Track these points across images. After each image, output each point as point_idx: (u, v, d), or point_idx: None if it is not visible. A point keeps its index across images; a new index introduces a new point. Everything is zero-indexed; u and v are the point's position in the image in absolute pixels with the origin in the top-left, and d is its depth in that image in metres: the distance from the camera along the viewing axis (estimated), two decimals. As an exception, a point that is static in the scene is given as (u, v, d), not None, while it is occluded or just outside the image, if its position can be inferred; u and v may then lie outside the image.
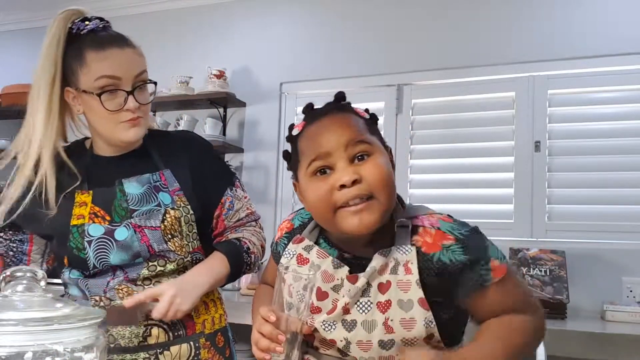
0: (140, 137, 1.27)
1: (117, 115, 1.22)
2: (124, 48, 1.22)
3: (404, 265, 0.91)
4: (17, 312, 0.64)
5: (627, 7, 2.53)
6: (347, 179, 0.88)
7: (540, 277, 2.35)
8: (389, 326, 0.90)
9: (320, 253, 0.99)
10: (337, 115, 0.97)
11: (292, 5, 3.20)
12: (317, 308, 0.95)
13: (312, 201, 0.94)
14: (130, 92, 1.21)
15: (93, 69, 1.20)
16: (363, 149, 0.92)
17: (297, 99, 3.14)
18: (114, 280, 1.22)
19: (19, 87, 3.59)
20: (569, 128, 2.62)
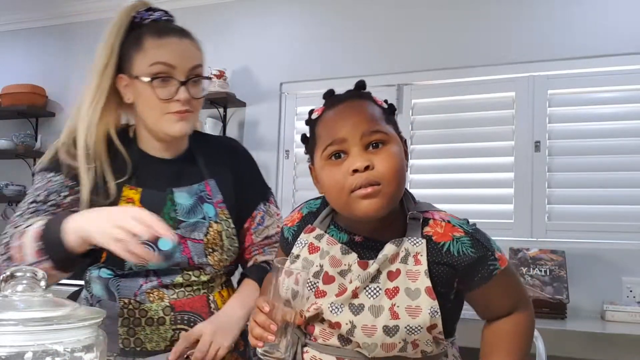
0: (185, 133, 1.23)
1: (167, 105, 1.18)
2: (183, 39, 1.20)
3: (414, 257, 0.94)
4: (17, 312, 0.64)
5: (627, 7, 2.53)
6: (359, 164, 0.92)
7: (540, 277, 2.35)
8: (395, 312, 0.92)
9: (330, 241, 1.02)
10: (355, 102, 0.99)
11: (292, 5, 3.20)
12: (323, 292, 0.97)
13: (326, 184, 0.97)
14: (183, 83, 1.18)
15: (149, 54, 1.18)
16: (378, 137, 0.94)
17: (297, 99, 3.14)
18: (147, 284, 1.20)
19: (19, 87, 3.59)
20: (569, 128, 2.62)
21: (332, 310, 0.95)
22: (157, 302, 1.20)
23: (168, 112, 1.19)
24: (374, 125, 0.95)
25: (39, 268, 0.86)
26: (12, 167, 3.77)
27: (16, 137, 3.59)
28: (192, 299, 1.23)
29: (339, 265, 0.98)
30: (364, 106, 0.99)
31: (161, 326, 1.20)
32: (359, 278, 0.94)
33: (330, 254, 0.99)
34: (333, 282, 0.97)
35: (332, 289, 0.97)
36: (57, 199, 1.19)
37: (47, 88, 3.69)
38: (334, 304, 0.95)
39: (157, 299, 1.21)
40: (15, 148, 3.59)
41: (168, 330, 1.20)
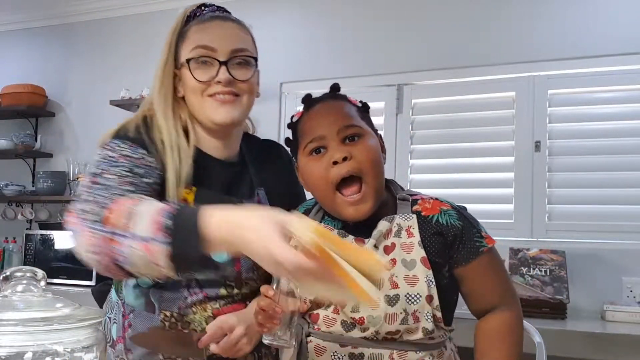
0: (232, 121, 1.14)
1: (207, 87, 1.12)
2: (227, 21, 1.17)
3: (406, 230, 1.01)
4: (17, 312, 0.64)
5: (627, 7, 2.53)
6: (338, 155, 0.99)
7: (540, 277, 2.35)
8: (394, 282, 0.97)
9: (327, 227, 1.06)
10: (331, 102, 1.08)
11: (292, 6, 3.20)
12: None
13: (311, 178, 1.05)
14: (224, 63, 1.11)
15: (191, 40, 1.15)
16: (354, 131, 1.03)
17: (297, 99, 3.14)
18: (192, 297, 1.13)
19: (19, 87, 3.59)
20: (569, 128, 2.62)
21: None
22: (200, 313, 1.14)
23: (209, 94, 1.13)
24: (349, 120, 1.03)
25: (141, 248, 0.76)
26: (12, 167, 3.77)
27: (16, 137, 3.59)
28: (232, 307, 1.16)
29: None
30: (339, 105, 1.07)
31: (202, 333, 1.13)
32: None
33: None
34: None
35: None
36: (151, 182, 1.05)
37: (47, 88, 3.69)
38: None
39: (200, 309, 1.14)
40: (15, 148, 3.59)
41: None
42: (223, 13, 1.23)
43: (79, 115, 3.62)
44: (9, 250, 3.53)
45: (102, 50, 3.58)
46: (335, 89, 1.12)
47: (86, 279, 3.05)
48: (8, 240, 3.57)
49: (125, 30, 3.52)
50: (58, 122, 3.73)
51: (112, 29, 3.54)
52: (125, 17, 3.50)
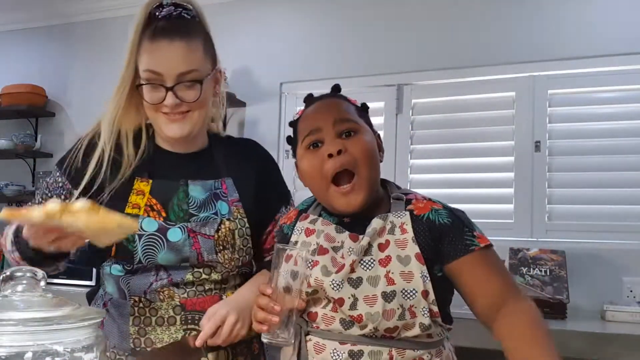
0: (183, 135, 1.22)
1: (159, 106, 1.19)
2: (174, 42, 1.17)
3: (400, 227, 1.02)
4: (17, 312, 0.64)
5: (627, 7, 2.53)
6: (333, 149, 1.02)
7: (540, 277, 2.35)
8: (390, 278, 0.98)
9: (325, 222, 1.09)
10: (329, 99, 1.12)
11: (292, 6, 3.20)
12: (316, 262, 1.03)
13: (306, 171, 1.07)
14: (170, 89, 1.17)
15: (143, 59, 1.19)
16: (349, 126, 1.05)
17: (297, 99, 3.14)
18: (157, 282, 1.20)
19: (19, 87, 3.59)
20: (569, 128, 2.62)
21: (333, 287, 0.99)
22: (167, 301, 1.20)
23: (161, 111, 1.20)
24: (345, 115, 1.06)
25: (12, 257, 0.95)
26: (12, 167, 3.77)
27: (16, 137, 3.59)
28: (203, 299, 1.21)
29: (333, 242, 1.05)
30: (337, 101, 1.11)
31: (172, 326, 1.20)
32: (353, 251, 1.01)
33: (325, 232, 1.06)
34: (327, 254, 1.03)
35: (325, 259, 1.02)
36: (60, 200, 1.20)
37: (47, 88, 3.69)
38: (335, 280, 0.99)
39: (167, 297, 1.20)
40: (15, 148, 3.59)
41: (179, 330, 1.20)
42: (176, 22, 1.22)
43: (79, 115, 3.62)
44: (9, 250, 3.52)
45: (102, 50, 3.57)
46: (336, 90, 1.15)
47: (86, 279, 3.04)
48: (8, 240, 3.57)
49: (125, 30, 3.51)
50: (58, 122, 3.73)
51: (112, 29, 3.54)
52: (125, 17, 3.49)
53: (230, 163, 1.31)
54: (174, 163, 1.27)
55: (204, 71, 1.21)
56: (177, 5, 1.23)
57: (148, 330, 1.20)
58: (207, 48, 1.24)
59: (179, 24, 1.21)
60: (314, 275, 1.01)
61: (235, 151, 1.34)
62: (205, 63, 1.22)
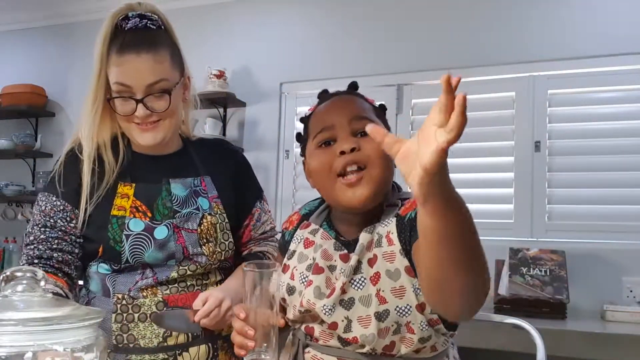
0: (156, 143, 1.26)
1: (131, 117, 1.23)
2: (141, 54, 1.19)
3: (386, 237, 0.97)
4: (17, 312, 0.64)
5: (626, 7, 2.53)
6: (346, 146, 0.96)
7: (540, 277, 2.35)
8: (382, 297, 0.93)
9: (325, 235, 1.05)
10: (346, 96, 1.06)
11: (292, 6, 3.20)
12: (310, 281, 1.00)
13: (315, 169, 1.01)
14: (140, 101, 1.20)
15: (112, 72, 1.21)
16: (365, 124, 0.94)
17: (297, 99, 3.14)
18: (143, 280, 1.22)
19: (19, 87, 3.59)
20: (569, 128, 2.62)
21: (325, 313, 0.96)
22: (150, 298, 1.22)
23: (134, 123, 1.24)
24: (361, 113, 1.00)
25: None
26: (12, 167, 3.77)
27: (16, 137, 3.59)
28: (185, 295, 1.24)
29: (330, 260, 1.01)
30: (354, 99, 1.05)
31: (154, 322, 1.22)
32: (343, 273, 0.97)
33: (323, 247, 1.02)
34: (322, 273, 1.00)
35: (319, 279, 0.99)
36: (65, 225, 1.24)
37: (47, 88, 3.69)
38: (326, 306, 0.96)
39: (150, 294, 1.22)
40: (15, 148, 3.59)
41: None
42: (144, 33, 1.23)
43: (79, 115, 3.61)
44: (9, 250, 3.53)
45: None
46: (353, 87, 1.10)
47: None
48: (8, 240, 3.57)
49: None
50: (58, 122, 3.73)
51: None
52: (125, 17, 3.50)
53: (206, 163, 1.35)
54: (153, 165, 1.30)
55: (172, 80, 1.24)
56: (142, 16, 1.25)
57: (131, 327, 1.21)
58: (174, 57, 1.26)
59: (145, 36, 1.22)
60: (307, 296, 0.98)
61: (209, 151, 1.39)
62: (173, 72, 1.24)
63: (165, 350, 1.21)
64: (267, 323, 0.93)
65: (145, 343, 1.20)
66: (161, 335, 1.21)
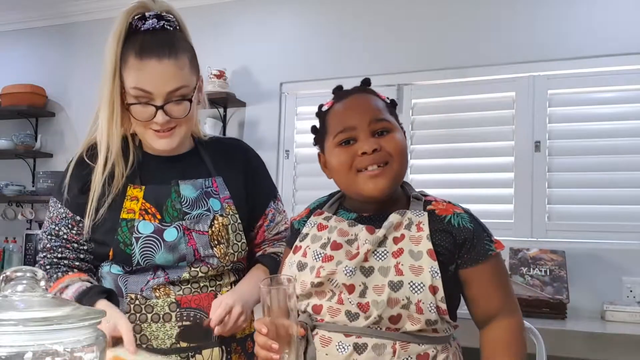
0: (171, 148, 1.25)
1: (148, 123, 1.21)
2: (163, 60, 1.17)
3: (417, 225, 1.03)
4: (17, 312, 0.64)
5: (627, 7, 2.53)
6: (368, 147, 1.03)
7: (540, 277, 2.35)
8: (399, 269, 0.99)
9: (338, 219, 1.11)
10: (362, 95, 1.11)
11: (292, 6, 3.20)
12: (330, 256, 1.04)
13: (335, 166, 1.07)
14: (160, 107, 1.18)
15: (131, 76, 1.18)
16: (384, 126, 1.06)
17: (297, 99, 3.14)
18: (154, 280, 1.22)
19: (19, 87, 3.59)
20: (569, 128, 2.62)
21: (346, 274, 1.00)
22: (163, 298, 1.22)
23: (150, 129, 1.22)
24: (380, 114, 1.07)
25: None
26: (12, 167, 3.77)
27: (16, 137, 3.59)
28: (198, 296, 1.24)
29: (347, 235, 1.06)
30: (370, 99, 1.10)
31: (167, 323, 1.21)
32: (368, 242, 1.02)
33: (338, 227, 1.08)
34: (341, 248, 1.04)
35: (339, 254, 1.04)
36: (67, 233, 1.27)
37: (47, 88, 3.69)
38: (348, 267, 1.00)
39: (163, 294, 1.22)
40: (15, 148, 3.59)
41: (174, 327, 1.21)
42: (162, 37, 1.20)
43: (79, 115, 3.62)
44: (9, 250, 3.53)
45: (102, 51, 3.57)
46: (366, 84, 1.16)
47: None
48: (8, 240, 3.57)
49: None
50: (58, 122, 3.73)
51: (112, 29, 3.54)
52: (125, 17, 3.50)
53: (218, 163, 1.33)
54: (163, 167, 1.29)
55: (191, 86, 1.22)
56: (160, 17, 1.22)
57: (144, 327, 1.21)
58: (192, 60, 1.24)
59: (165, 40, 1.20)
60: (328, 268, 1.02)
61: (221, 151, 1.37)
62: (192, 77, 1.23)
63: (178, 351, 1.20)
64: (288, 333, 0.96)
65: (158, 344, 1.20)
66: (174, 336, 1.20)
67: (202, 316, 1.22)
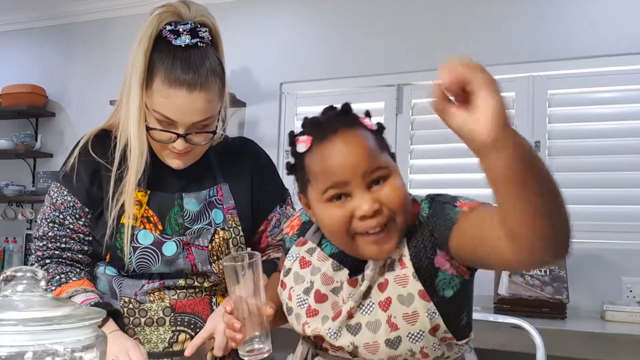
0: (186, 166, 1.22)
1: (166, 145, 1.18)
2: (193, 93, 1.11)
3: (399, 260, 0.91)
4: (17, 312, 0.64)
5: (626, 7, 2.53)
6: (367, 208, 0.87)
7: (540, 277, 2.35)
8: (393, 323, 0.89)
9: (322, 256, 0.99)
10: (347, 133, 0.91)
11: (292, 6, 3.20)
12: (315, 310, 0.96)
13: (328, 226, 0.93)
14: (182, 136, 1.14)
15: (155, 97, 1.13)
16: (380, 174, 0.90)
17: (297, 99, 3.14)
18: (149, 284, 1.21)
19: (19, 87, 3.59)
20: (569, 128, 2.62)
21: (331, 336, 0.93)
22: (157, 302, 1.21)
23: (166, 148, 1.19)
24: (374, 162, 0.89)
25: None
26: (12, 167, 3.77)
27: (16, 137, 3.59)
28: (193, 301, 1.23)
29: (331, 283, 0.96)
30: (359, 138, 0.91)
31: (161, 327, 1.21)
32: (351, 297, 0.92)
33: (322, 271, 0.97)
34: (326, 301, 0.95)
35: (325, 307, 0.95)
36: (74, 223, 1.22)
37: (47, 88, 3.69)
38: (332, 329, 0.93)
39: (157, 299, 1.21)
40: (15, 148, 3.59)
41: (167, 331, 1.21)
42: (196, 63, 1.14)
43: (79, 115, 3.62)
44: (9, 250, 3.53)
45: (102, 50, 3.58)
46: (347, 111, 0.95)
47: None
48: (8, 240, 3.57)
49: (125, 30, 3.52)
50: (58, 122, 3.73)
51: (112, 29, 3.54)
52: (125, 17, 3.49)
53: (225, 168, 1.30)
54: (169, 174, 1.25)
55: (216, 114, 1.19)
56: (194, 32, 1.15)
57: (137, 331, 1.21)
58: (222, 85, 1.19)
59: (197, 66, 1.13)
60: (312, 326, 0.95)
61: (230, 155, 1.33)
62: (218, 104, 1.19)
63: (170, 355, 1.20)
64: (258, 312, 0.94)
65: (151, 347, 1.20)
66: (167, 341, 1.20)
67: (197, 321, 1.21)
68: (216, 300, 1.26)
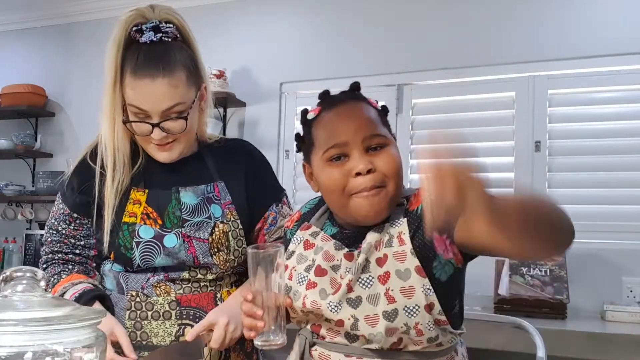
0: (172, 159, 1.27)
1: (148, 138, 1.22)
2: (156, 79, 1.16)
3: (398, 237, 0.97)
4: (17, 312, 0.64)
5: (626, 7, 2.53)
6: (362, 167, 0.94)
7: (540, 277, 2.35)
8: (391, 296, 0.93)
9: (325, 237, 1.04)
10: (352, 104, 1.01)
11: (292, 6, 3.20)
12: (314, 283, 0.99)
13: (326, 184, 0.99)
14: (156, 125, 1.19)
15: (127, 92, 1.19)
16: (378, 141, 0.97)
17: (297, 99, 3.14)
18: (154, 277, 1.24)
19: (19, 87, 3.59)
20: (569, 128, 2.62)
21: (331, 309, 0.96)
22: (163, 296, 1.24)
23: (150, 142, 1.24)
24: (374, 129, 0.98)
25: None
26: (12, 167, 3.77)
27: (16, 137, 3.59)
28: (198, 295, 1.26)
29: (332, 260, 1.00)
30: (362, 109, 1.01)
31: (167, 321, 1.23)
32: (349, 271, 0.96)
33: (324, 249, 1.02)
34: (325, 275, 0.99)
35: (323, 281, 0.99)
36: (65, 228, 1.31)
37: (47, 88, 3.69)
38: (332, 302, 0.96)
39: (163, 292, 1.24)
40: (15, 148, 3.59)
41: (173, 325, 1.23)
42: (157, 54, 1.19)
43: (79, 115, 3.62)
44: (9, 250, 3.53)
45: (102, 50, 3.55)
46: (355, 88, 1.06)
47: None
48: (8, 240, 3.57)
49: (125, 30, 3.52)
50: (58, 122, 3.73)
51: (112, 29, 3.54)
52: (125, 17, 3.50)
53: (220, 167, 1.33)
54: (165, 172, 1.29)
55: (188, 101, 1.21)
56: (157, 29, 1.20)
57: (144, 324, 1.23)
58: (190, 75, 1.22)
59: (160, 56, 1.18)
60: (311, 297, 0.98)
61: (224, 153, 1.36)
62: (189, 92, 1.22)
63: None
64: (274, 304, 0.95)
65: (158, 341, 1.22)
66: (174, 334, 1.22)
67: (202, 315, 1.23)
68: (221, 296, 1.28)
